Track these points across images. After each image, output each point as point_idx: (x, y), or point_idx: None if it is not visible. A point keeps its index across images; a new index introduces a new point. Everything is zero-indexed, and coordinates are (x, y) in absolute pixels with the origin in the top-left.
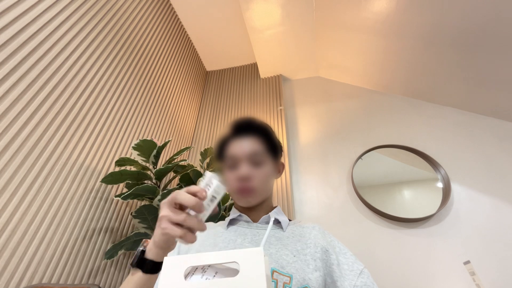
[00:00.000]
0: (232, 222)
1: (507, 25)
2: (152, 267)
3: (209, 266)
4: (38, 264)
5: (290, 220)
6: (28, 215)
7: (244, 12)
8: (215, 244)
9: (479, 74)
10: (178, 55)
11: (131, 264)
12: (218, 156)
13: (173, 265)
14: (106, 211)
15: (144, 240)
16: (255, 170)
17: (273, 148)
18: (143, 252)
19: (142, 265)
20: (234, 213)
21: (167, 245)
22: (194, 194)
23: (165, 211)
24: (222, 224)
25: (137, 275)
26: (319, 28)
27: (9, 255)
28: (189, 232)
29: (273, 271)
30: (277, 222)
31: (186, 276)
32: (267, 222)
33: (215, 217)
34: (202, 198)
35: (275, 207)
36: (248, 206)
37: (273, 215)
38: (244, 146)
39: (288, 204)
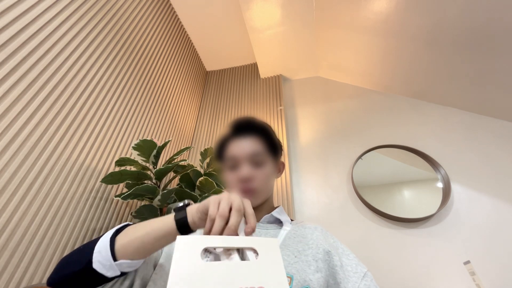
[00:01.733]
0: None
1: (508, 24)
2: (182, 226)
3: (221, 249)
4: (38, 264)
5: (292, 220)
6: (28, 215)
7: (244, 12)
8: None
9: (479, 74)
10: (178, 55)
11: (174, 209)
12: (218, 157)
13: (188, 244)
14: (106, 211)
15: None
16: (256, 170)
17: (274, 147)
18: (188, 205)
19: (178, 214)
20: None
21: (201, 223)
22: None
23: (240, 199)
24: None
25: (166, 221)
26: (319, 28)
27: (9, 255)
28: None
29: None
30: (278, 222)
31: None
32: (269, 222)
33: None
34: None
35: (277, 207)
36: None
37: (275, 214)
38: (244, 146)
39: (288, 204)
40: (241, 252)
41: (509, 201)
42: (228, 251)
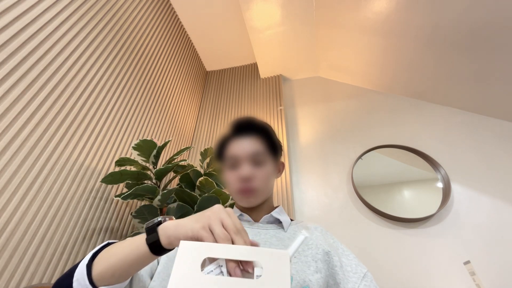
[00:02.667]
0: None
1: (508, 24)
2: (156, 248)
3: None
4: (38, 264)
5: (292, 220)
6: (28, 215)
7: (244, 12)
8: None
9: (479, 74)
10: (178, 55)
11: (145, 228)
12: (218, 156)
13: (190, 252)
14: (106, 211)
15: (166, 216)
16: (256, 170)
17: (274, 147)
18: (159, 223)
19: (150, 237)
20: (235, 213)
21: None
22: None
23: (227, 214)
24: None
25: (138, 244)
26: (319, 28)
27: (9, 255)
28: None
29: None
30: (278, 222)
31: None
32: (269, 222)
33: None
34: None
35: (277, 207)
36: (250, 206)
37: (275, 215)
38: (245, 146)
39: (288, 204)
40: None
41: (509, 201)
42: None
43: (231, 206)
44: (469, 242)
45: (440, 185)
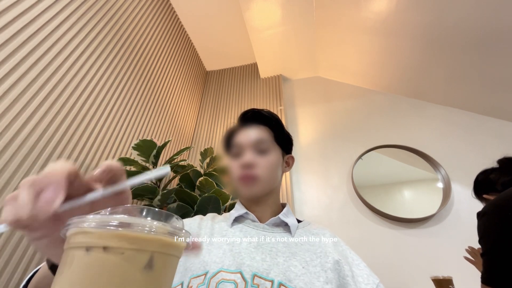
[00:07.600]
0: (237, 219)
1: (508, 25)
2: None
3: None
4: (37, 264)
5: (299, 221)
6: None
7: (244, 12)
8: (219, 246)
9: (479, 74)
10: (178, 55)
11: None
12: (225, 148)
13: None
14: None
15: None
16: (259, 157)
17: (281, 138)
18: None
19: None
20: (240, 210)
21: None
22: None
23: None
24: (226, 219)
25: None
26: (319, 28)
27: (9, 255)
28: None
29: (279, 285)
30: (284, 225)
31: None
32: (275, 224)
33: None
34: None
35: (284, 205)
36: (252, 196)
37: (282, 217)
38: (250, 134)
39: (288, 204)
40: None
41: None
42: None
43: (232, 205)
44: (469, 242)
45: (440, 185)
